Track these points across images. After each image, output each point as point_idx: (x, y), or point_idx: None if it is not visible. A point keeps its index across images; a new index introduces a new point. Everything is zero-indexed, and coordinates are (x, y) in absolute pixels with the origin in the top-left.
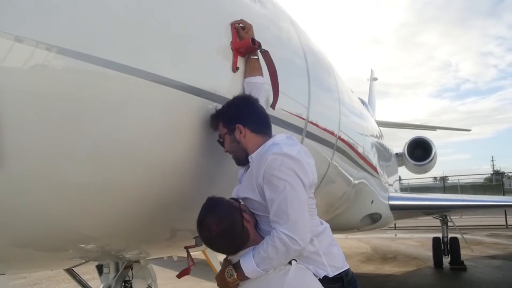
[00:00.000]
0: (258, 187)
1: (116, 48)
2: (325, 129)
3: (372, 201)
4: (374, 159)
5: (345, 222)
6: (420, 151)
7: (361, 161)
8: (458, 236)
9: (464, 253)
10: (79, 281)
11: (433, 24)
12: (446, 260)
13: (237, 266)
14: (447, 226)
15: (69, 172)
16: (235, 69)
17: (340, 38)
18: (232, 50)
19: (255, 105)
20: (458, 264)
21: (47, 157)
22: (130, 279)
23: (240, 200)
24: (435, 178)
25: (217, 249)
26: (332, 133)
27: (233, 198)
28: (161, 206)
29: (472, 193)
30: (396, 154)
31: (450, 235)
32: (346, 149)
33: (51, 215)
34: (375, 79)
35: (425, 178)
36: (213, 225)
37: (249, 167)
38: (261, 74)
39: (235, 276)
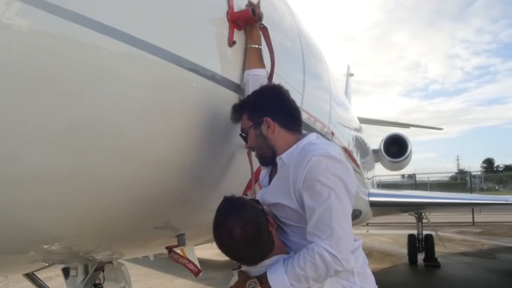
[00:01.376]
0: (296, 192)
1: (94, 3)
2: (317, 120)
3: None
4: (357, 154)
5: None
6: (395, 148)
7: (346, 156)
8: (433, 233)
9: (436, 249)
10: (40, 285)
11: (404, 25)
12: (420, 257)
13: (262, 281)
14: (422, 223)
15: (30, 158)
16: (231, 43)
17: (316, 32)
18: (228, 22)
19: (287, 97)
20: (432, 261)
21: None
22: (101, 282)
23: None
24: (403, 175)
25: (237, 257)
26: (323, 125)
27: (252, 199)
28: (140, 201)
29: (439, 191)
30: (373, 150)
31: (424, 232)
32: (334, 142)
33: (6, 209)
34: (351, 74)
35: (394, 175)
36: (236, 229)
37: (274, 168)
38: (264, 66)
39: None
